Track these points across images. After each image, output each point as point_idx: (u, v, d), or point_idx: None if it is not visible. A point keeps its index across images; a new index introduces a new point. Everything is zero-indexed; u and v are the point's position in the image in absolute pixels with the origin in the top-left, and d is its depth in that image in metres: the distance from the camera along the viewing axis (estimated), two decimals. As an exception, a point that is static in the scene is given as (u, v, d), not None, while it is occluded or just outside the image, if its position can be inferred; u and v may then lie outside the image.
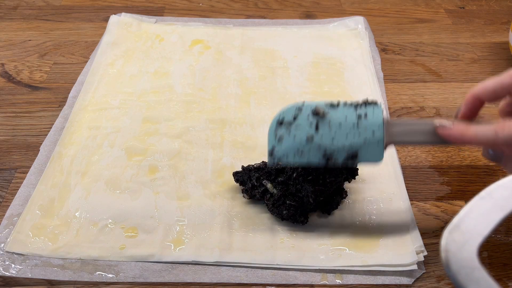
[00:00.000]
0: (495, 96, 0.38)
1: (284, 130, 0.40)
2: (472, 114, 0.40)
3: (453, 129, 0.37)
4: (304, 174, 0.42)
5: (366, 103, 0.40)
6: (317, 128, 0.40)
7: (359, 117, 0.39)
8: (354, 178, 0.45)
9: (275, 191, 0.44)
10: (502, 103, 0.41)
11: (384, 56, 0.68)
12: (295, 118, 0.40)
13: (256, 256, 0.42)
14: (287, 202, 0.43)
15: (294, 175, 0.43)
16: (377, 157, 0.39)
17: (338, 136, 0.39)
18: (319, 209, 0.45)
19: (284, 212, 0.44)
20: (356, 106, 0.40)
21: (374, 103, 0.40)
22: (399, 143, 0.39)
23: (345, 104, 0.40)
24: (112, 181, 0.48)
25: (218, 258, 0.41)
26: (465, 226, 0.25)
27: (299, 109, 0.40)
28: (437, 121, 0.38)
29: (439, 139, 0.38)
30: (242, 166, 0.47)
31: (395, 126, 0.40)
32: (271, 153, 0.40)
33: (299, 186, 0.43)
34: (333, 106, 0.40)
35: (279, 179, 0.44)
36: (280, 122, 0.40)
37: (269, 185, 0.44)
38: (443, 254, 0.25)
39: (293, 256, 0.42)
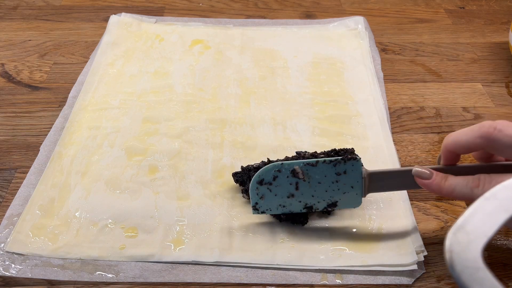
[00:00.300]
0: (468, 151, 0.39)
1: (265, 189, 0.42)
2: (453, 161, 0.40)
3: (431, 181, 0.39)
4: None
5: (345, 159, 0.41)
6: (297, 188, 0.42)
7: (337, 174, 0.41)
8: None
9: None
10: (475, 152, 0.42)
11: (384, 56, 0.68)
12: (274, 179, 0.42)
13: (256, 256, 0.42)
14: None
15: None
16: (356, 204, 0.42)
17: (318, 192, 0.42)
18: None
19: (282, 216, 0.44)
20: (336, 163, 0.41)
21: (353, 159, 0.41)
22: (378, 191, 0.43)
23: (323, 161, 0.41)
24: (112, 181, 0.48)
25: (218, 258, 0.41)
26: (470, 227, 0.25)
27: (278, 170, 0.41)
28: (416, 171, 0.39)
29: (418, 186, 0.40)
30: (242, 167, 0.47)
31: (374, 178, 0.42)
32: (254, 207, 0.43)
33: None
34: (312, 165, 0.41)
35: None
36: (259, 182, 0.42)
37: None
38: (447, 255, 0.25)
39: (293, 256, 0.42)
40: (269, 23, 0.73)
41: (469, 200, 0.36)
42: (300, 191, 0.42)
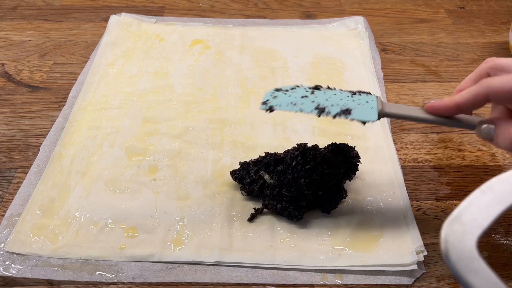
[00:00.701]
0: (471, 106, 0.37)
1: (281, 93, 0.41)
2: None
3: (440, 100, 0.37)
4: (303, 163, 0.43)
5: (360, 91, 0.42)
6: (312, 92, 0.41)
7: (353, 93, 0.42)
8: (354, 174, 0.46)
9: (272, 181, 0.44)
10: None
11: (384, 56, 0.68)
12: (292, 89, 0.42)
13: (256, 256, 0.42)
14: (284, 193, 0.43)
15: (293, 163, 0.43)
16: (371, 116, 0.39)
17: (333, 98, 0.40)
18: (319, 208, 0.45)
19: (278, 205, 0.44)
20: (353, 93, 0.42)
21: (368, 93, 0.42)
22: (392, 116, 0.40)
23: (341, 89, 0.43)
24: (112, 181, 0.48)
25: (218, 258, 0.41)
26: (465, 218, 0.26)
27: (297, 86, 0.42)
28: (428, 101, 0.39)
29: (430, 115, 0.38)
30: (240, 162, 0.47)
31: (387, 103, 0.41)
32: (264, 102, 0.40)
33: (297, 175, 0.43)
34: (330, 88, 0.43)
35: (278, 168, 0.44)
36: (277, 90, 0.42)
37: (266, 176, 0.45)
38: (442, 245, 0.25)
39: (293, 256, 0.42)
40: (269, 23, 0.73)
41: (479, 103, 0.35)
42: (315, 94, 0.41)
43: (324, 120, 0.55)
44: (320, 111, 0.39)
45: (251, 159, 0.47)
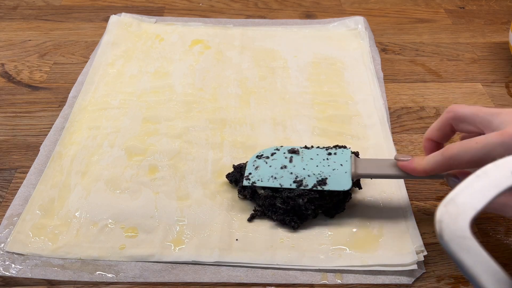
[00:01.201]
0: (443, 136, 0.42)
1: (262, 162, 0.46)
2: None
3: (410, 161, 0.41)
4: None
5: (336, 146, 0.46)
6: (291, 160, 0.45)
7: (329, 154, 0.45)
8: (351, 197, 0.45)
9: (263, 192, 0.44)
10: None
11: (384, 56, 0.68)
12: (272, 154, 0.46)
13: (256, 256, 0.42)
14: (278, 204, 0.43)
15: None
16: (345, 185, 0.42)
17: (309, 166, 0.44)
18: (323, 213, 0.45)
19: (273, 217, 0.44)
20: (328, 148, 0.46)
21: (343, 147, 0.46)
22: (366, 177, 0.44)
23: (318, 147, 0.47)
24: (112, 181, 0.48)
25: (218, 258, 0.41)
26: (460, 200, 0.27)
27: (277, 149, 0.47)
28: (397, 155, 0.42)
29: (402, 172, 0.42)
30: (233, 165, 0.47)
31: (361, 162, 0.44)
32: (247, 177, 0.44)
33: (292, 194, 0.43)
34: (307, 148, 0.47)
35: None
36: (258, 156, 0.46)
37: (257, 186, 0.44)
38: (437, 226, 0.26)
39: (293, 256, 0.42)
40: (269, 23, 0.73)
41: (443, 169, 0.38)
42: (293, 163, 0.44)
43: (324, 120, 0.55)
44: (298, 184, 0.43)
45: (245, 163, 0.47)
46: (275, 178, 0.43)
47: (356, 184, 0.46)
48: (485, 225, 0.45)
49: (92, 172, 0.49)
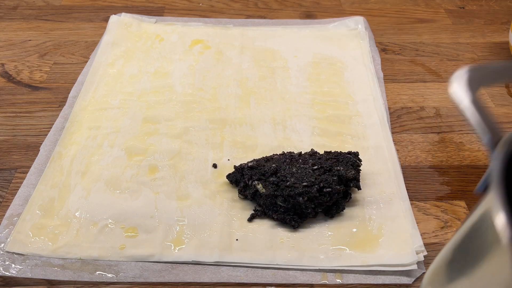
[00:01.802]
0: None
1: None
2: None
3: None
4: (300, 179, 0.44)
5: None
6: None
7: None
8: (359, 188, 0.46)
9: (264, 191, 0.44)
10: None
11: (384, 56, 0.68)
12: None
13: (256, 256, 0.42)
14: (279, 203, 0.43)
15: (292, 179, 0.43)
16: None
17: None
18: (323, 213, 0.45)
19: (274, 216, 0.44)
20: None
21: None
22: None
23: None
24: (112, 181, 0.48)
25: (218, 258, 0.41)
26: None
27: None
28: None
29: None
30: (234, 166, 0.47)
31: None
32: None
33: (293, 192, 0.43)
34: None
35: (272, 179, 0.44)
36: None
37: (259, 186, 0.44)
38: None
39: (293, 256, 0.42)
40: (269, 23, 0.73)
41: None
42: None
43: (324, 120, 0.55)
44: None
45: (247, 162, 0.47)
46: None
47: (356, 184, 0.46)
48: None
49: (92, 172, 0.49)
